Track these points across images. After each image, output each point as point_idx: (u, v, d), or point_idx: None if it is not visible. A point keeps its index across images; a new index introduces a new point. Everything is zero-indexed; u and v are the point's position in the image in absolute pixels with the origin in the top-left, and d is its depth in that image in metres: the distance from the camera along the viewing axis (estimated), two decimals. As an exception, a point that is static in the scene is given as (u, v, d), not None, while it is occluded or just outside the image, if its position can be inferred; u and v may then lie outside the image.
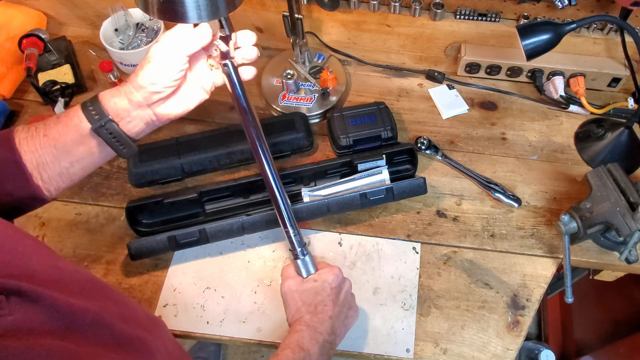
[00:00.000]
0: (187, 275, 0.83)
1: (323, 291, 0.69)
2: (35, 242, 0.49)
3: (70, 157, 0.63)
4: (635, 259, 0.78)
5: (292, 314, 0.69)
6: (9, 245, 0.45)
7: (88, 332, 0.43)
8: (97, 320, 0.44)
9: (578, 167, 0.94)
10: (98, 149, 0.64)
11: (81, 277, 0.49)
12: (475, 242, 0.86)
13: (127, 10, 1.03)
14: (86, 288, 0.48)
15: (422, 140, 0.96)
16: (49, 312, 0.40)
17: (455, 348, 0.77)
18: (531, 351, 1.37)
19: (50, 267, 0.46)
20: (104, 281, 0.53)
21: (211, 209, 0.89)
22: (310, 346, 0.63)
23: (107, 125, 0.62)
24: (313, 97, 1.00)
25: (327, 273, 0.71)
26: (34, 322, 0.39)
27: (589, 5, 0.94)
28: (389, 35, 1.05)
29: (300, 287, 0.71)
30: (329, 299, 0.69)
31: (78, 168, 0.64)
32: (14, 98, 1.02)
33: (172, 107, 0.67)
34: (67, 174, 0.64)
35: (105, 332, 0.45)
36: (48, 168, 0.62)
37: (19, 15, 1.04)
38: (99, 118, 0.61)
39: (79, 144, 0.62)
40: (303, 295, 0.69)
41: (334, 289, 0.70)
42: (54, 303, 0.41)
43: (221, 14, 0.61)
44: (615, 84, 1.02)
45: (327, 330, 0.66)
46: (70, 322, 0.42)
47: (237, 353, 1.70)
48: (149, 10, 0.61)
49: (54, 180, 0.63)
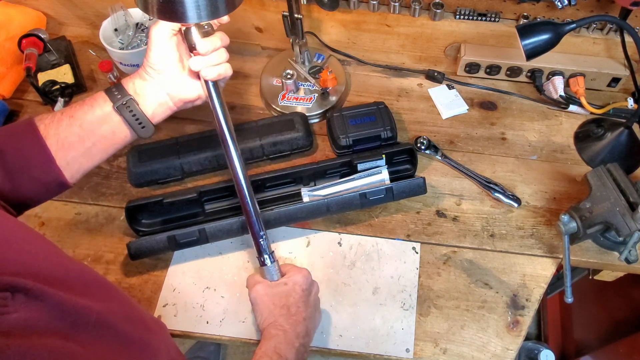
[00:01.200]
0: (186, 275, 0.83)
1: (294, 293, 0.69)
2: (44, 241, 0.49)
3: (94, 136, 0.67)
4: (635, 258, 0.78)
5: (264, 317, 0.68)
6: (16, 244, 0.45)
7: (92, 332, 0.43)
8: (102, 321, 0.44)
9: (578, 167, 0.94)
10: (119, 129, 0.69)
11: (88, 276, 0.50)
12: (475, 242, 0.86)
13: (127, 10, 1.03)
14: (92, 288, 0.49)
15: (422, 140, 0.96)
16: (53, 311, 0.41)
17: (454, 348, 0.77)
18: (531, 351, 1.37)
19: (57, 265, 0.47)
20: (110, 282, 0.53)
21: (211, 208, 0.89)
22: (288, 352, 0.63)
23: (128, 104, 0.67)
24: (313, 97, 1.00)
25: (296, 275, 0.71)
26: (38, 321, 0.39)
27: (589, 5, 0.94)
28: (388, 35, 1.05)
29: (271, 290, 0.70)
30: (301, 301, 0.69)
31: (100, 148, 0.68)
32: (13, 98, 1.02)
33: (183, 90, 0.71)
34: (89, 155, 0.68)
35: (110, 332, 0.45)
36: (73, 149, 0.66)
37: (19, 15, 1.04)
38: (120, 97, 0.67)
39: (102, 123, 0.67)
40: (275, 299, 0.68)
41: (304, 290, 0.70)
42: (59, 302, 0.41)
43: (221, 14, 0.61)
44: (614, 84, 1.02)
45: (302, 332, 0.66)
46: (75, 321, 0.42)
47: (236, 353, 1.70)
48: (149, 10, 0.61)
49: (76, 162, 0.67)
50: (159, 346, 0.50)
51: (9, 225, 0.48)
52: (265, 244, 0.73)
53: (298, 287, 0.70)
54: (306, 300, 0.70)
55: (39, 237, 0.49)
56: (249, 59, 1.09)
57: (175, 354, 0.55)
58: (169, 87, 0.70)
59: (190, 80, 0.71)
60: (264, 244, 0.73)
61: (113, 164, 0.94)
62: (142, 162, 0.88)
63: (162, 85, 0.70)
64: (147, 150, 0.90)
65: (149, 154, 0.89)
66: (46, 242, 0.49)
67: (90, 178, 0.92)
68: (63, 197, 0.90)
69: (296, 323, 0.66)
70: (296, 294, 0.69)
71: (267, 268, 0.73)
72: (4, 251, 0.43)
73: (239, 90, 1.05)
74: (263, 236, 0.73)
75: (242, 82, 1.06)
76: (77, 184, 0.90)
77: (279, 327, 0.65)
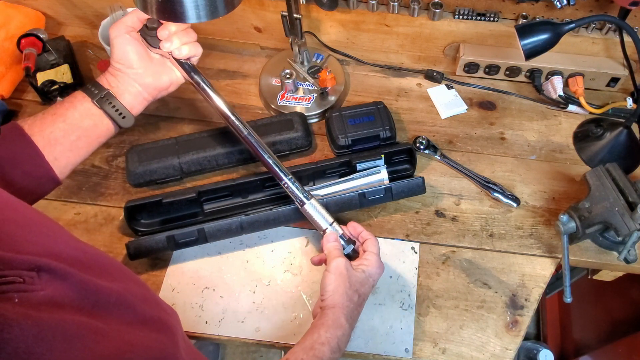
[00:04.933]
0: (185, 275, 0.83)
1: (367, 285, 0.70)
2: (59, 226, 0.50)
3: (78, 130, 0.70)
4: (634, 258, 0.78)
5: (335, 291, 0.66)
6: (36, 227, 0.46)
7: (114, 310, 0.44)
8: (121, 300, 0.46)
9: (577, 166, 0.94)
10: (101, 121, 0.72)
11: (104, 259, 0.51)
12: (474, 242, 0.86)
13: (126, 10, 1.03)
14: (109, 270, 0.50)
15: (421, 140, 0.96)
16: (77, 289, 0.42)
17: (453, 348, 0.77)
18: (530, 351, 1.37)
19: (76, 248, 0.48)
20: (123, 265, 0.54)
21: (210, 208, 0.89)
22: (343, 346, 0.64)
23: (107, 97, 0.72)
24: (312, 96, 1.00)
25: (374, 268, 0.71)
26: (64, 298, 0.40)
27: (588, 5, 0.94)
28: (387, 35, 1.05)
29: (350, 272, 0.68)
30: (366, 296, 0.70)
31: (85, 142, 0.72)
32: (12, 98, 1.02)
33: (154, 80, 0.75)
34: (76, 150, 0.71)
35: (129, 311, 0.46)
36: (59, 143, 0.68)
37: (18, 15, 1.04)
38: (97, 92, 0.72)
39: (84, 117, 0.71)
40: (352, 280, 0.68)
41: (372, 287, 0.71)
42: (81, 281, 0.42)
43: (220, 14, 0.61)
44: (614, 84, 1.02)
45: (353, 325, 0.67)
46: (97, 300, 0.43)
47: (235, 353, 1.70)
48: (148, 10, 0.61)
49: (64, 157, 0.69)
50: (176, 327, 0.51)
51: (27, 211, 0.49)
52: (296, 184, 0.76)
53: (371, 280, 0.70)
54: (368, 294, 0.71)
55: (55, 222, 0.50)
56: (248, 58, 1.09)
57: (188, 340, 0.55)
58: (139, 79, 0.74)
59: (159, 69, 0.75)
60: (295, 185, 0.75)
61: (112, 164, 0.94)
62: (141, 162, 0.88)
63: (133, 77, 0.74)
64: (146, 150, 0.90)
65: (148, 153, 0.89)
66: (61, 227, 0.51)
67: (90, 178, 0.92)
68: (62, 197, 0.90)
69: (355, 317, 0.68)
70: (368, 285, 0.70)
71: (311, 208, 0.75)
72: (27, 233, 0.44)
73: (238, 90, 1.05)
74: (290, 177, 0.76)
75: (241, 82, 1.06)
76: (76, 184, 0.91)
77: (347, 317, 0.65)
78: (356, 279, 0.68)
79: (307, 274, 0.83)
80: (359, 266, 0.70)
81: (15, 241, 0.42)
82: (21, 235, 0.43)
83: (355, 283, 0.68)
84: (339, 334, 0.63)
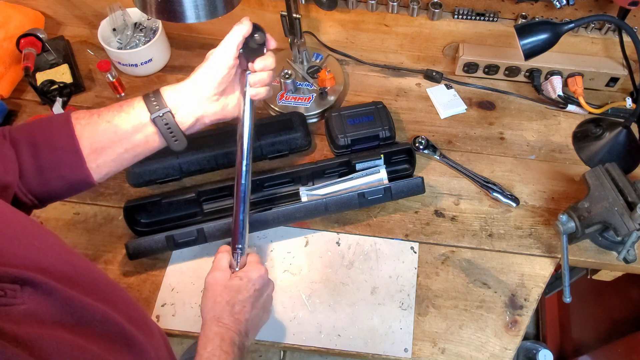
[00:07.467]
0: (185, 275, 0.83)
1: (245, 291, 0.68)
2: (54, 238, 0.50)
3: (127, 143, 0.66)
4: (633, 258, 0.78)
5: (208, 307, 0.67)
6: (26, 239, 0.46)
7: (98, 328, 0.44)
8: (107, 319, 0.45)
9: (576, 166, 0.95)
10: (152, 139, 0.67)
11: (95, 275, 0.51)
12: (473, 242, 0.86)
13: (125, 9, 1.03)
14: (98, 287, 0.49)
15: (420, 140, 0.96)
16: (61, 305, 0.42)
17: (453, 348, 0.77)
18: (529, 351, 1.37)
19: (65, 263, 0.48)
20: (115, 282, 0.54)
21: (209, 208, 0.89)
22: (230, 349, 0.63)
23: (165, 116, 0.66)
24: (311, 96, 1.00)
25: (253, 272, 0.70)
26: (45, 314, 0.40)
27: (587, 5, 0.94)
28: (387, 34, 1.05)
29: (225, 281, 0.69)
30: (249, 301, 0.68)
31: (131, 155, 0.67)
32: (12, 98, 1.02)
33: (224, 110, 0.71)
34: (120, 160, 0.67)
35: (114, 330, 0.46)
36: (105, 153, 0.65)
37: (17, 15, 1.04)
38: (158, 108, 0.66)
39: (137, 131, 0.66)
40: (224, 292, 0.68)
41: (256, 290, 0.69)
42: (66, 297, 0.42)
43: (219, 14, 0.61)
44: (613, 84, 1.02)
45: (242, 331, 0.66)
46: (81, 317, 0.43)
47: (235, 353, 1.70)
48: (147, 10, 0.61)
49: (106, 166, 0.66)
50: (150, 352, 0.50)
51: (20, 222, 0.49)
52: (244, 233, 0.73)
53: (251, 285, 0.69)
54: (254, 301, 0.69)
55: (49, 234, 0.50)
56: (248, 58, 1.09)
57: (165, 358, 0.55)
58: (210, 107, 0.69)
59: (231, 101, 0.71)
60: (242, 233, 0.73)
61: (111, 164, 0.94)
62: (141, 162, 0.87)
63: (204, 101, 0.68)
64: (146, 150, 0.89)
65: (147, 153, 0.89)
66: (56, 239, 0.50)
67: (89, 178, 0.92)
68: (61, 197, 0.90)
69: (238, 322, 0.66)
70: (247, 292, 0.68)
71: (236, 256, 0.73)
72: (14, 246, 0.44)
73: (238, 90, 1.05)
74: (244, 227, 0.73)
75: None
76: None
77: (222, 325, 0.65)
78: (230, 288, 0.68)
79: (307, 274, 0.83)
80: (235, 276, 0.70)
81: (1, 254, 0.42)
82: (8, 248, 0.43)
83: (228, 293, 0.68)
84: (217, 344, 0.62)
